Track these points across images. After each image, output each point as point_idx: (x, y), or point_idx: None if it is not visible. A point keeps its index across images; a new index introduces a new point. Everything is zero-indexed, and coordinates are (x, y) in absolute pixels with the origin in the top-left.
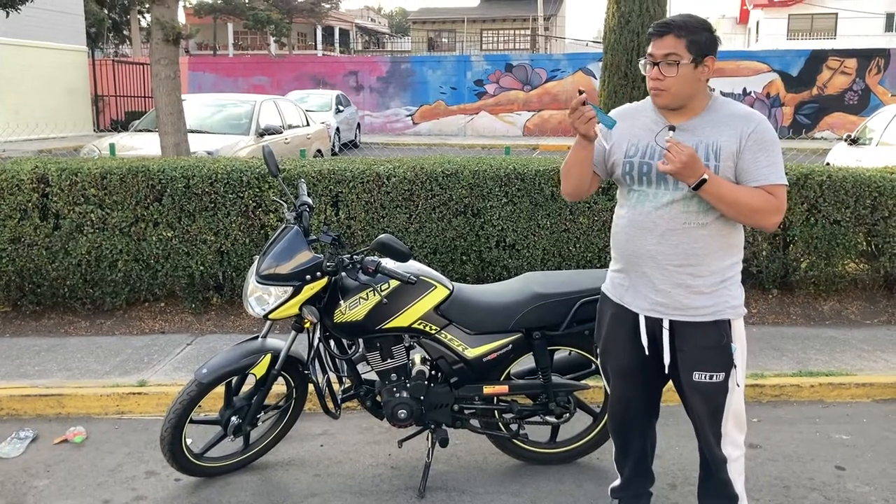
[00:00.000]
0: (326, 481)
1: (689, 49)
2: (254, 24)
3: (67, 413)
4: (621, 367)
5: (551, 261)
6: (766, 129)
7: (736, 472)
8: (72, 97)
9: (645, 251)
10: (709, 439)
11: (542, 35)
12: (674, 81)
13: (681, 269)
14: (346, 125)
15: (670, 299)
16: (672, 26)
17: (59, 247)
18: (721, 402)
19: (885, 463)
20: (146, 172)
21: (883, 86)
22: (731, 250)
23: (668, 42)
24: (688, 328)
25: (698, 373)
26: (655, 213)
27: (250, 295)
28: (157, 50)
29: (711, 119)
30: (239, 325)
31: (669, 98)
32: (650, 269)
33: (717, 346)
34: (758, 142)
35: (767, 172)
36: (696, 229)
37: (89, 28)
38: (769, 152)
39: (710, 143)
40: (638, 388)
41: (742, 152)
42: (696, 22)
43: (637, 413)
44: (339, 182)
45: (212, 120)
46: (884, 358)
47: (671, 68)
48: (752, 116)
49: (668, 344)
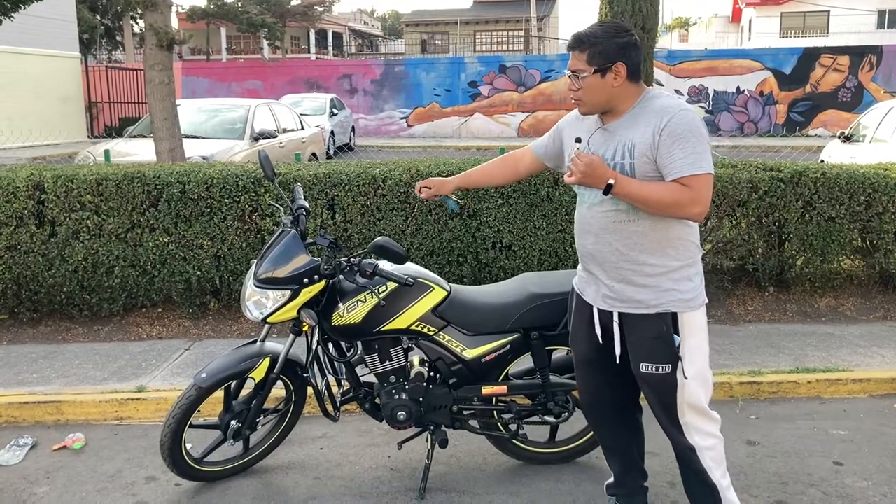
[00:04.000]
0: (326, 484)
1: (590, 62)
2: (247, 29)
3: (66, 420)
4: (584, 356)
5: (548, 261)
6: (681, 122)
7: (711, 460)
8: (65, 104)
9: (586, 250)
10: (669, 429)
11: (535, 36)
12: (583, 93)
13: (620, 266)
14: (340, 128)
15: (616, 293)
16: (576, 42)
17: (56, 254)
18: (670, 393)
19: (883, 458)
20: (142, 178)
21: (876, 82)
22: (672, 243)
23: (574, 57)
24: (635, 320)
25: (645, 364)
26: (589, 214)
27: (248, 299)
28: (150, 55)
29: (632, 118)
30: (237, 329)
31: (585, 107)
32: (594, 266)
33: (658, 338)
34: (671, 135)
35: (682, 164)
36: (628, 226)
37: (82, 34)
38: (685, 144)
39: (626, 141)
40: (601, 377)
41: (658, 147)
42: (602, 32)
43: (607, 402)
44: (335, 185)
45: (206, 125)
46: (880, 353)
47: (577, 80)
48: (667, 110)
49: (618, 335)
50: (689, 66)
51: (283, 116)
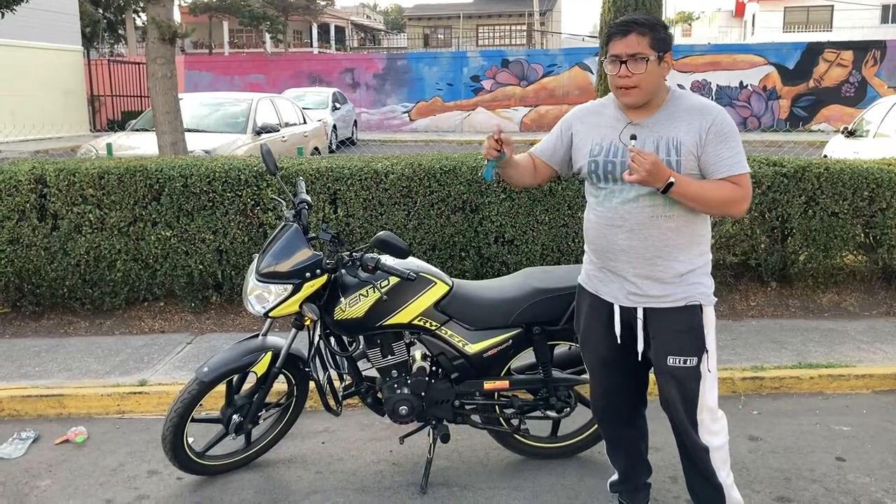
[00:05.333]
0: (328, 478)
1: (652, 46)
2: (249, 23)
3: (68, 413)
4: (600, 357)
5: (550, 256)
6: (725, 122)
7: (720, 461)
8: (68, 97)
9: (616, 246)
10: (686, 427)
11: (537, 30)
12: (642, 78)
13: (651, 262)
14: (342, 123)
15: (642, 290)
16: (634, 24)
17: (58, 247)
18: (695, 387)
19: (886, 453)
20: (144, 172)
21: (879, 77)
22: (698, 240)
23: (632, 40)
24: (661, 314)
25: (673, 357)
26: (623, 209)
27: (250, 293)
28: (152, 49)
29: (669, 114)
30: (239, 323)
31: (639, 95)
32: (622, 262)
33: (689, 330)
34: (718, 134)
35: (731, 164)
36: (663, 222)
37: (84, 28)
38: (729, 143)
39: (670, 138)
40: (618, 378)
41: (704, 146)
42: (654, 20)
43: (621, 403)
44: (337, 180)
45: (208, 119)
46: (883, 349)
47: (639, 65)
48: (709, 109)
49: (641, 331)
50: (693, 61)
51: (285, 110)
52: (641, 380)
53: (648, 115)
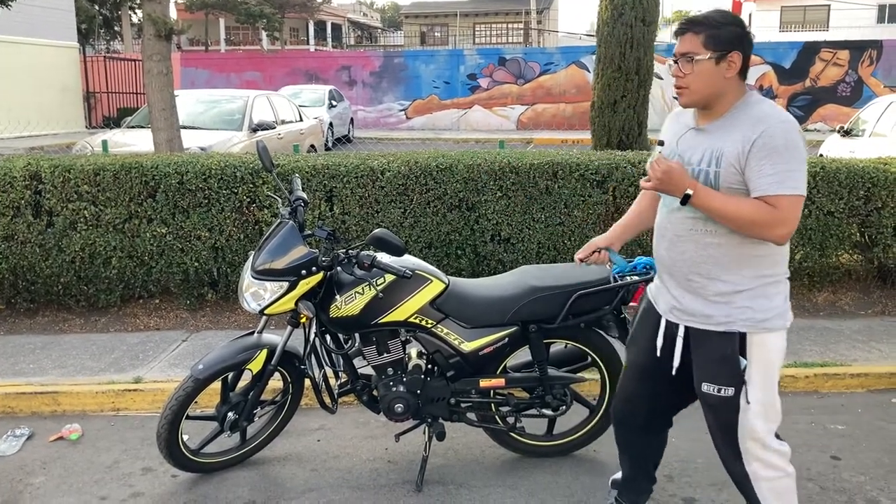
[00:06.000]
0: (324, 476)
1: (706, 45)
2: (245, 20)
3: (63, 410)
4: (637, 363)
5: (546, 254)
6: (776, 134)
7: (770, 491)
8: (63, 94)
9: (660, 257)
10: (725, 452)
11: (534, 28)
12: (692, 79)
13: (687, 278)
14: (339, 120)
15: (682, 305)
16: (691, 23)
17: (53, 244)
18: (730, 418)
19: (880, 452)
20: (139, 169)
21: (875, 77)
22: (751, 261)
23: (686, 39)
24: (701, 336)
25: (707, 384)
26: (667, 219)
27: (246, 290)
28: (148, 46)
29: (729, 122)
30: (234, 320)
31: (690, 97)
32: (666, 274)
33: (722, 359)
34: (763, 148)
35: (769, 182)
36: (704, 237)
37: (80, 24)
38: (777, 159)
39: (715, 148)
40: (647, 388)
41: (747, 159)
42: (719, 17)
43: (641, 411)
44: (334, 177)
45: (204, 116)
46: (878, 348)
47: (688, 65)
48: (764, 120)
49: (679, 349)
50: None
51: (281, 108)
52: (672, 398)
53: (710, 122)
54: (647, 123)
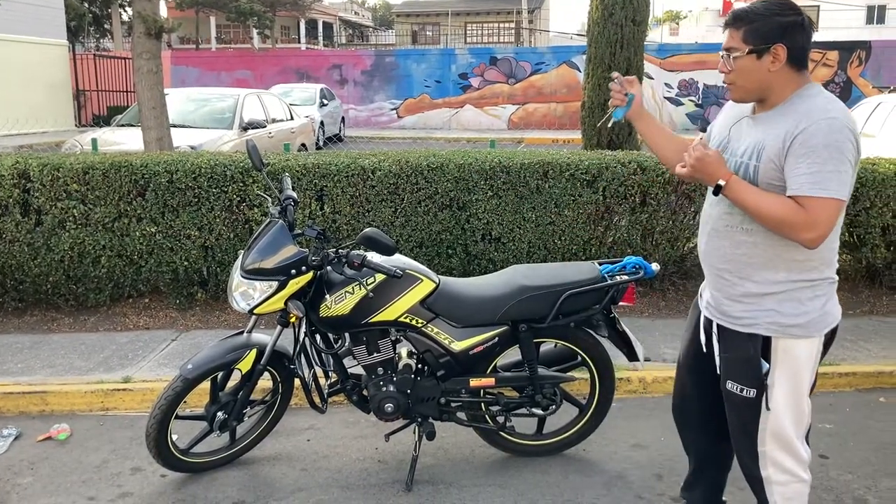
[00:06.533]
0: (313, 476)
1: (745, 40)
2: (237, 18)
3: (51, 410)
4: (684, 359)
5: (537, 254)
6: (818, 131)
7: (780, 496)
8: (53, 92)
9: (700, 248)
10: (741, 454)
11: (526, 28)
12: (735, 76)
13: (719, 274)
14: (330, 119)
15: (715, 303)
16: (732, 17)
17: (42, 243)
18: (751, 419)
19: (868, 451)
20: (129, 167)
21: (864, 78)
22: (787, 264)
23: (728, 35)
24: (729, 335)
25: (731, 382)
26: (706, 213)
27: (235, 290)
28: (138, 44)
29: (780, 114)
30: (224, 320)
31: (737, 92)
32: (705, 267)
33: (746, 360)
34: (802, 145)
35: (803, 181)
36: (738, 234)
37: (70, 22)
38: (814, 158)
39: (758, 141)
40: (692, 383)
41: (787, 155)
42: (762, 8)
43: (693, 408)
44: (324, 176)
45: (195, 114)
46: (866, 347)
47: (729, 62)
48: (809, 116)
49: (717, 346)
50: (680, 60)
51: (272, 106)
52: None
53: (763, 111)
54: None
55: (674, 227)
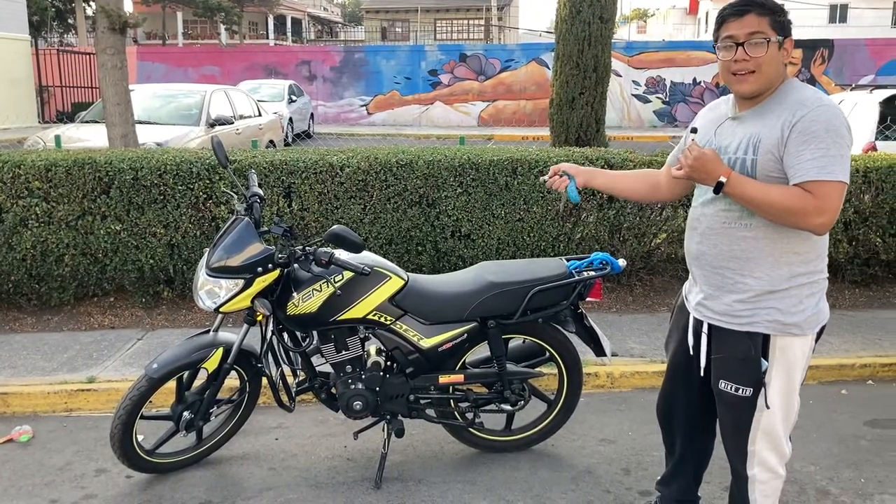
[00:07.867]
0: (282, 475)
1: (773, 28)
2: (204, 13)
3: (13, 412)
4: (671, 361)
5: (506, 250)
6: (817, 118)
7: (761, 493)
8: (15, 88)
9: (690, 250)
10: (731, 454)
11: (495, 25)
12: (763, 61)
13: (718, 272)
14: (299, 115)
15: (710, 302)
16: (753, 4)
17: (3, 241)
18: (745, 418)
19: (830, 443)
20: (93, 164)
21: (827, 76)
22: (788, 258)
23: (751, 21)
24: (723, 335)
25: (725, 382)
26: (699, 211)
27: (200, 288)
28: (102, 39)
29: (768, 108)
30: (191, 318)
31: (757, 82)
32: (695, 268)
33: (744, 359)
34: (803, 132)
35: (809, 167)
36: (738, 230)
37: (32, 16)
38: (818, 144)
39: (753, 134)
40: (679, 385)
41: (786, 144)
42: (774, 2)
43: (678, 412)
44: (292, 173)
45: (161, 110)
46: (828, 341)
47: (759, 48)
48: (804, 104)
49: (705, 348)
50: (647, 57)
51: (239, 103)
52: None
53: (747, 109)
54: (604, 120)
55: (641, 224)
